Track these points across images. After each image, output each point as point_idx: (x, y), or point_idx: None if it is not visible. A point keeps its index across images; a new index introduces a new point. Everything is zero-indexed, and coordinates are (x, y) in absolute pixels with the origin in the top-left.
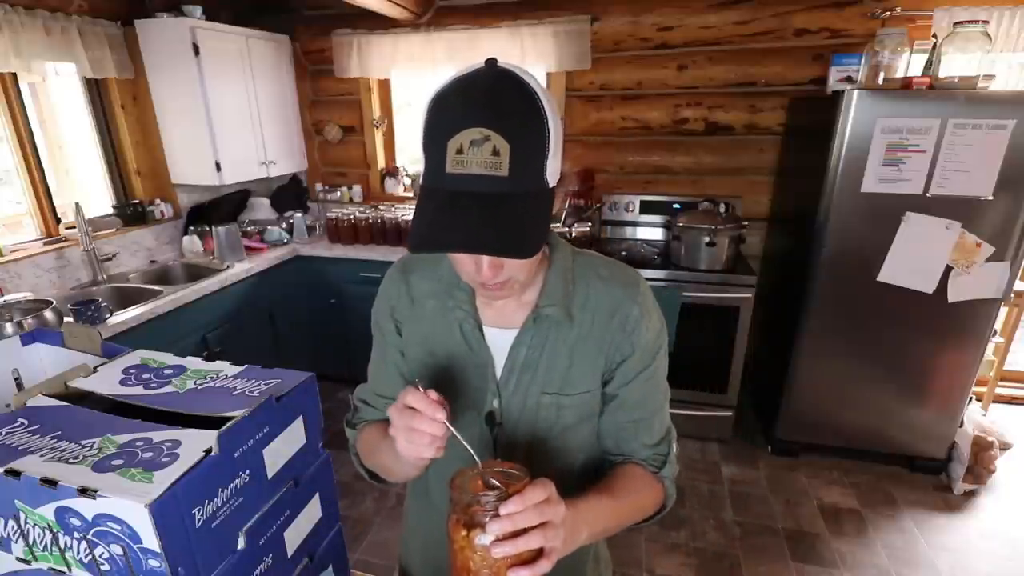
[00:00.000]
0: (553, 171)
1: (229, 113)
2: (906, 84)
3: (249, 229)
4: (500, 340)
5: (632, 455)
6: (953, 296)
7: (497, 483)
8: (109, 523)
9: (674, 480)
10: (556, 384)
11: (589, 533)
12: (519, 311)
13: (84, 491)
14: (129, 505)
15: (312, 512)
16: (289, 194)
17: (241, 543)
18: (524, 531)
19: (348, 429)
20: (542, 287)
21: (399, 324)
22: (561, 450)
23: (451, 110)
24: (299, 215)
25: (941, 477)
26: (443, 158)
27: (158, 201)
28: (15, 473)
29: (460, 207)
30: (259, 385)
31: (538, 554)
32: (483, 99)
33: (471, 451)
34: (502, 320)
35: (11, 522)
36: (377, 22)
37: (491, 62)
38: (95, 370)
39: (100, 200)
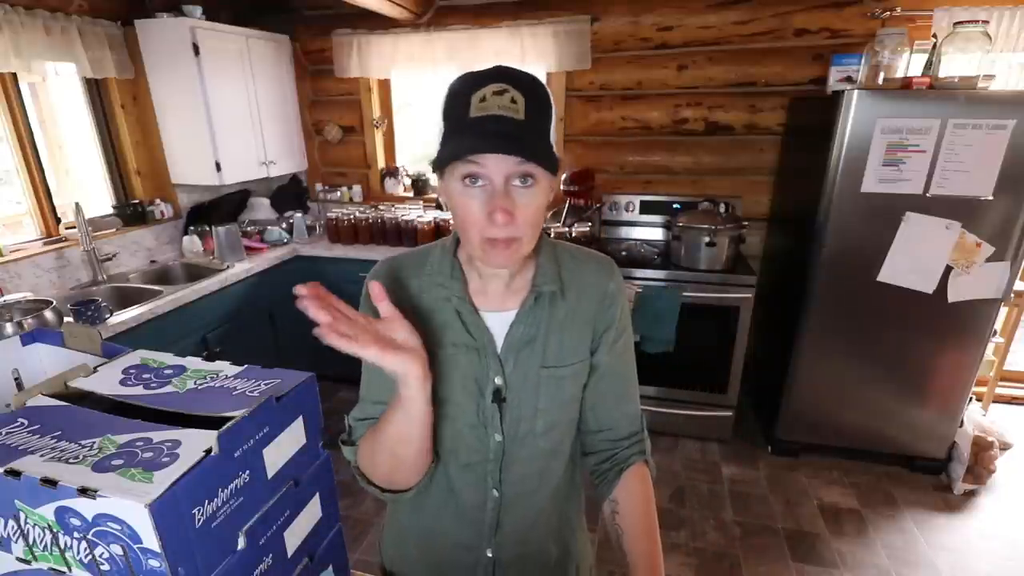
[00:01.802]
0: (555, 146)
1: (229, 113)
2: (906, 84)
3: (249, 229)
4: (496, 322)
5: (613, 427)
6: (953, 296)
7: None
8: (109, 523)
9: (652, 456)
10: (553, 358)
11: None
12: (510, 297)
13: (84, 491)
14: (129, 505)
15: (312, 512)
16: (289, 194)
17: (241, 543)
18: None
19: (346, 448)
20: (536, 270)
21: None
22: (562, 421)
23: (472, 79)
24: (299, 215)
25: (941, 477)
26: (467, 109)
27: (158, 201)
28: (15, 473)
29: (487, 130)
30: (259, 385)
31: None
32: (502, 69)
33: None
34: (495, 304)
35: (11, 522)
36: (377, 22)
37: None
38: (95, 370)
39: (100, 200)
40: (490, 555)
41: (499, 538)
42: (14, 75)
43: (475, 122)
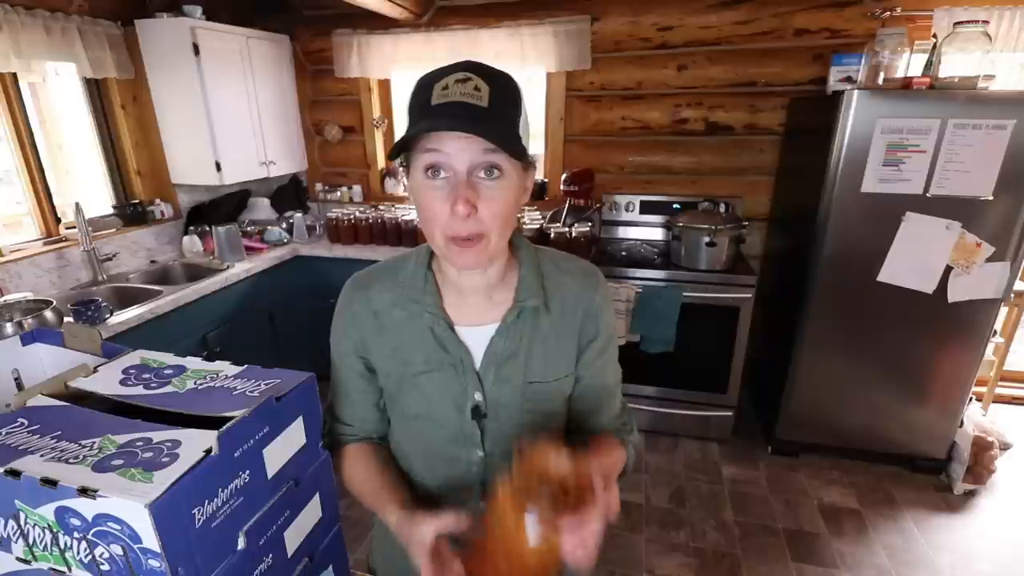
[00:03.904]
0: (524, 138)
1: (229, 113)
2: (906, 84)
3: (249, 229)
4: (473, 337)
5: (594, 431)
6: (953, 296)
7: (567, 484)
8: (109, 523)
9: (636, 447)
10: (537, 373)
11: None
12: (491, 310)
13: (84, 491)
14: (129, 505)
15: (312, 512)
16: (289, 194)
17: (241, 543)
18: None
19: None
20: (519, 283)
21: (362, 344)
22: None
23: (438, 71)
24: (299, 215)
25: (941, 477)
26: (429, 98)
27: (158, 201)
28: (15, 473)
29: (447, 113)
30: (259, 385)
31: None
32: (468, 62)
33: None
34: (473, 318)
35: (11, 522)
36: (377, 22)
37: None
38: (95, 370)
39: (100, 200)
40: None
41: None
42: (14, 75)
43: (435, 109)
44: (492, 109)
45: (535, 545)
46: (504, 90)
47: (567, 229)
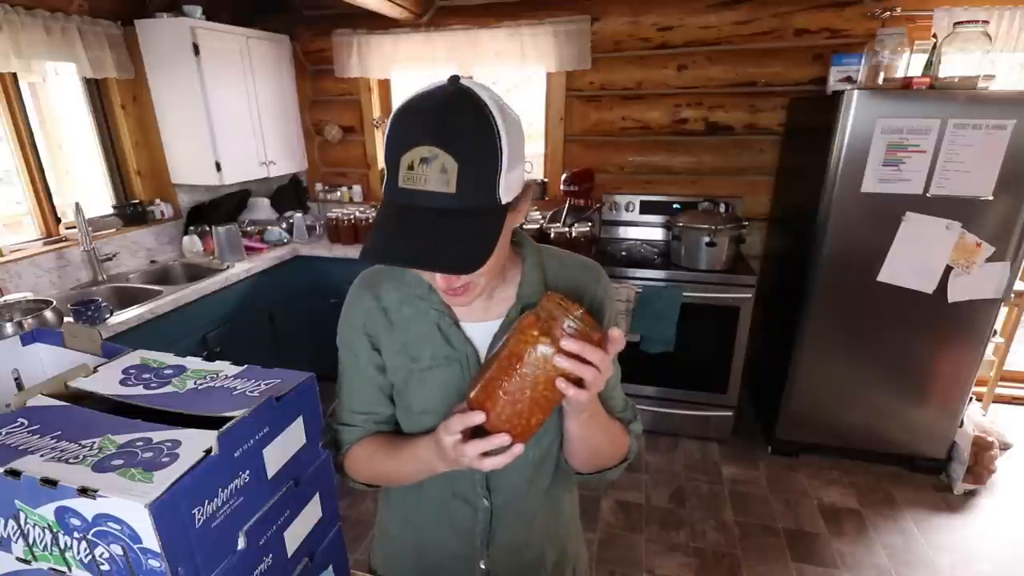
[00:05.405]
0: (508, 187)
1: (229, 113)
2: (906, 84)
3: (249, 229)
4: (479, 333)
5: None
6: (953, 296)
7: (585, 321)
8: (109, 523)
9: (638, 439)
10: None
11: (598, 417)
12: (494, 306)
13: (84, 491)
14: (129, 505)
15: (312, 512)
16: (289, 194)
17: (241, 543)
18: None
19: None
20: (521, 279)
21: (373, 339)
22: (549, 430)
23: (406, 127)
24: (299, 215)
25: (941, 477)
26: (396, 172)
27: (158, 201)
28: (15, 473)
29: (407, 221)
30: (259, 385)
31: (578, 383)
32: (436, 118)
33: None
34: (478, 314)
35: (11, 522)
36: (377, 22)
37: (454, 79)
38: (95, 370)
39: (100, 200)
40: (483, 567)
41: (493, 550)
42: (14, 75)
43: (401, 196)
44: (461, 192)
45: (544, 369)
46: (474, 148)
47: (567, 229)
